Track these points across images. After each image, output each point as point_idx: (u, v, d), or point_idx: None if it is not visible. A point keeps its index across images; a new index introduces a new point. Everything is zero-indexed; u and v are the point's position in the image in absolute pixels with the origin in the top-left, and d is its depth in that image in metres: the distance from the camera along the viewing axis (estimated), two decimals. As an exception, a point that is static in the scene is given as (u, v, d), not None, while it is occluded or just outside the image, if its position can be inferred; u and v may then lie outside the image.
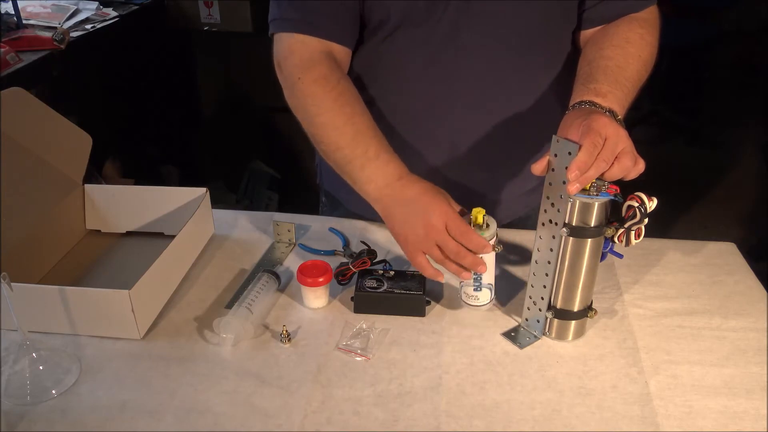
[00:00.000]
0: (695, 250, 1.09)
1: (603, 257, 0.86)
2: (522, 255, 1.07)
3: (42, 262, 1.04)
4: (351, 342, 0.89)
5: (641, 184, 0.81)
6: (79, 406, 0.79)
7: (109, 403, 0.80)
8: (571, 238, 0.82)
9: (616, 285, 1.01)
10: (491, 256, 0.89)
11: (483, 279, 0.90)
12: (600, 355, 0.87)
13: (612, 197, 0.80)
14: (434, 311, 0.95)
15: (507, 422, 0.78)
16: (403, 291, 0.94)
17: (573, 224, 0.81)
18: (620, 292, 1.00)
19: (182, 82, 2.87)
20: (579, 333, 0.90)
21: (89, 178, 1.13)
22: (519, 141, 1.06)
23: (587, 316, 0.89)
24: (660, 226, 0.92)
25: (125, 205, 1.13)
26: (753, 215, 2.50)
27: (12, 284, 0.74)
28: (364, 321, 0.93)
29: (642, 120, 3.33)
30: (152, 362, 0.86)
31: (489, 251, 0.86)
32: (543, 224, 0.85)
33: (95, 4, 2.35)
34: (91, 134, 1.11)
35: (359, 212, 1.18)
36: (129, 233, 1.14)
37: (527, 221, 1.17)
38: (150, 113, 2.66)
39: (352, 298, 0.95)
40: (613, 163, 0.78)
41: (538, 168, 0.81)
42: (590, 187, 0.80)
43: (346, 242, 1.11)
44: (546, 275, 0.86)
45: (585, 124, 0.79)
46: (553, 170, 0.81)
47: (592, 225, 0.81)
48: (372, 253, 0.98)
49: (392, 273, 0.97)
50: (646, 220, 0.80)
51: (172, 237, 0.97)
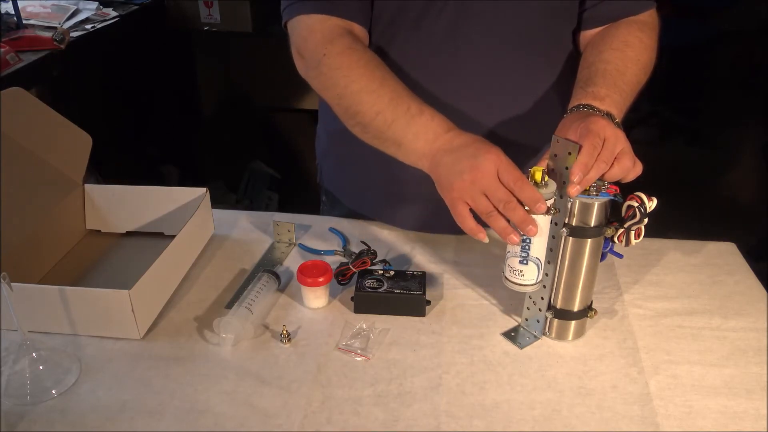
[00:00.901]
0: (695, 250, 1.10)
1: (603, 257, 0.86)
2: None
3: (42, 262, 1.04)
4: (351, 342, 0.89)
5: (641, 185, 0.82)
6: (79, 406, 0.79)
7: (109, 403, 0.80)
8: (571, 238, 0.82)
9: (616, 285, 1.01)
10: (546, 223, 0.80)
11: (532, 249, 0.81)
12: (600, 355, 0.88)
13: (612, 197, 0.80)
14: (434, 311, 0.95)
15: (507, 422, 0.78)
16: (403, 291, 0.94)
17: (573, 224, 0.81)
18: (620, 292, 1.00)
19: (182, 82, 2.87)
20: (579, 333, 0.90)
21: (89, 178, 1.13)
22: (519, 140, 1.06)
23: (587, 316, 0.89)
24: (660, 226, 0.92)
25: (125, 205, 1.13)
26: (753, 215, 2.50)
27: (12, 284, 0.74)
28: (364, 321, 0.93)
29: (642, 120, 3.33)
30: (152, 362, 0.86)
31: (543, 209, 0.76)
32: None
33: (95, 4, 2.35)
34: (91, 134, 1.11)
35: (359, 210, 1.18)
36: (129, 233, 1.14)
37: None
38: (150, 113, 2.66)
39: (352, 298, 0.95)
40: (613, 164, 0.79)
41: None
42: (590, 188, 0.80)
43: (346, 242, 1.11)
44: (546, 275, 0.86)
45: (583, 126, 0.79)
46: (553, 170, 0.81)
47: (592, 225, 0.81)
48: (372, 253, 0.98)
49: (392, 273, 0.97)
50: (646, 220, 0.81)
51: (172, 237, 0.97)
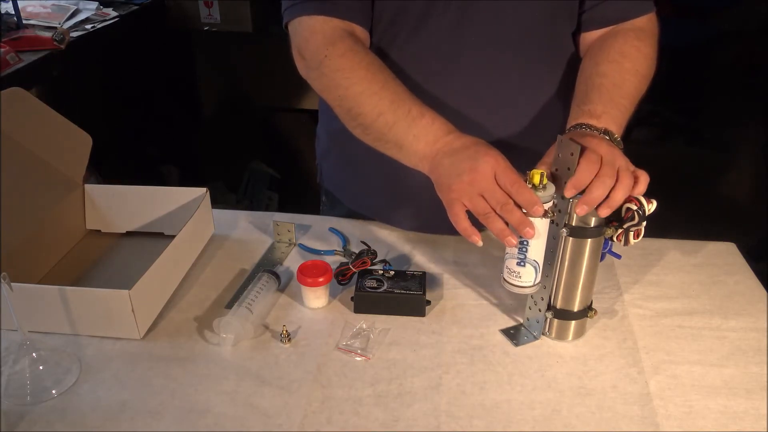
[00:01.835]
0: (695, 250, 1.10)
1: (602, 257, 0.86)
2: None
3: (42, 262, 1.04)
4: (351, 342, 0.89)
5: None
6: (79, 406, 0.79)
7: (109, 403, 0.80)
8: (571, 239, 0.82)
9: (616, 285, 1.01)
10: (544, 225, 0.80)
11: (529, 252, 0.81)
12: (600, 355, 0.88)
13: None
14: (434, 311, 0.95)
15: (507, 422, 0.78)
16: (403, 291, 0.94)
17: (573, 224, 0.81)
18: (620, 292, 1.00)
19: (182, 82, 2.87)
20: (579, 333, 0.90)
21: (89, 178, 1.13)
22: (520, 143, 1.06)
23: (587, 316, 0.89)
24: (660, 226, 0.92)
25: (125, 205, 1.13)
26: (753, 215, 2.50)
27: (12, 284, 0.74)
28: (364, 321, 0.93)
29: (642, 120, 3.33)
30: (152, 362, 0.86)
31: (539, 212, 0.77)
32: None
33: (95, 4, 2.35)
34: (91, 134, 1.11)
35: (359, 210, 1.18)
36: (129, 233, 1.14)
37: None
38: (150, 113, 2.66)
39: (352, 298, 0.95)
40: (615, 186, 0.77)
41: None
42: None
43: (346, 242, 1.11)
44: (546, 276, 0.86)
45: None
46: (554, 174, 0.81)
47: (592, 225, 0.81)
48: (372, 253, 0.98)
49: (392, 273, 0.97)
50: (645, 223, 0.81)
51: (172, 237, 0.97)
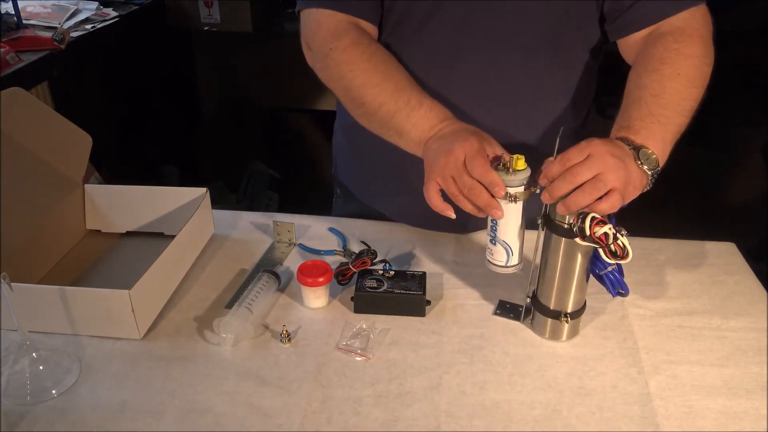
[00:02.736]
0: (695, 250, 1.09)
1: (613, 292, 0.86)
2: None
3: (42, 262, 1.04)
4: (351, 342, 0.89)
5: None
6: (79, 406, 0.79)
7: (109, 403, 0.80)
8: (564, 240, 0.82)
9: (616, 285, 1.01)
10: (514, 210, 0.83)
11: (498, 232, 0.84)
12: (600, 355, 0.88)
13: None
14: (434, 311, 0.95)
15: (507, 422, 0.78)
16: (403, 291, 0.94)
17: (551, 217, 0.81)
18: (620, 292, 1.00)
19: (182, 82, 2.87)
20: (572, 333, 0.90)
21: (89, 178, 1.13)
22: (524, 142, 1.05)
23: (561, 320, 0.87)
24: (660, 226, 0.92)
25: (125, 205, 1.13)
26: (753, 215, 2.49)
27: (12, 284, 0.74)
28: (364, 321, 0.93)
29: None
30: (152, 362, 0.86)
31: (500, 193, 0.80)
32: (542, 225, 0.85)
33: (95, 4, 2.35)
34: (91, 134, 1.11)
35: (370, 204, 1.17)
36: (129, 233, 1.14)
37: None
38: (150, 113, 2.66)
39: (352, 298, 0.95)
40: (602, 198, 0.77)
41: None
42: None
43: (346, 242, 1.11)
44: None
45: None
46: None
47: (566, 225, 0.80)
48: (372, 253, 0.98)
49: (392, 273, 0.97)
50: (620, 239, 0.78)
51: (172, 237, 0.97)
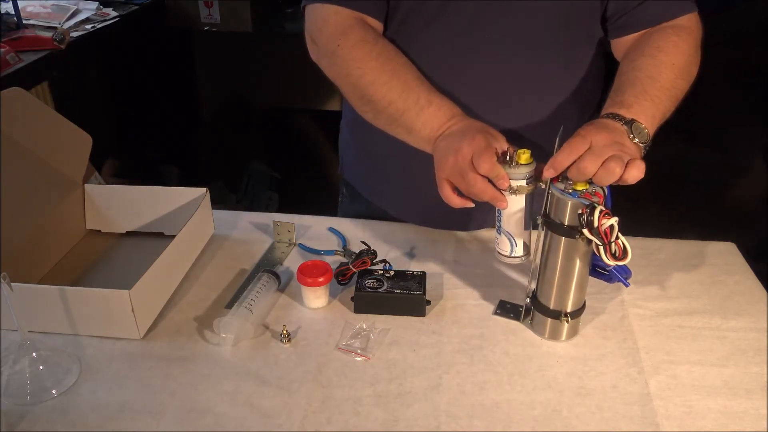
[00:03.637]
0: (695, 250, 1.09)
1: (610, 280, 0.86)
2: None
3: (42, 262, 1.04)
4: (351, 342, 0.89)
5: (641, 184, 0.81)
6: (79, 406, 0.79)
7: (109, 403, 0.80)
8: (564, 240, 0.82)
9: (616, 285, 1.01)
10: (517, 203, 0.84)
11: (503, 222, 0.86)
12: (600, 355, 0.88)
13: (587, 202, 0.77)
14: (434, 311, 0.95)
15: (507, 422, 0.78)
16: (403, 291, 0.94)
17: (549, 215, 0.81)
18: (620, 292, 0.99)
19: (182, 82, 2.87)
20: (572, 333, 0.90)
21: (89, 178, 1.13)
22: (534, 140, 1.05)
23: (561, 320, 0.87)
24: (660, 226, 0.92)
25: (125, 205, 1.13)
26: (753, 215, 2.49)
27: (12, 284, 0.74)
28: (364, 321, 0.93)
29: (642, 120, 3.32)
30: (152, 362, 0.86)
31: (504, 185, 0.82)
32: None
33: (95, 4, 2.36)
34: (91, 134, 1.11)
35: (376, 202, 1.17)
36: (129, 233, 1.14)
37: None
38: (150, 113, 2.66)
39: (352, 298, 0.95)
40: (600, 168, 0.77)
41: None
42: (566, 183, 0.80)
43: (346, 242, 1.11)
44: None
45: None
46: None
47: (566, 224, 0.80)
48: (372, 253, 0.98)
49: (392, 273, 0.97)
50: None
51: (172, 237, 0.97)
